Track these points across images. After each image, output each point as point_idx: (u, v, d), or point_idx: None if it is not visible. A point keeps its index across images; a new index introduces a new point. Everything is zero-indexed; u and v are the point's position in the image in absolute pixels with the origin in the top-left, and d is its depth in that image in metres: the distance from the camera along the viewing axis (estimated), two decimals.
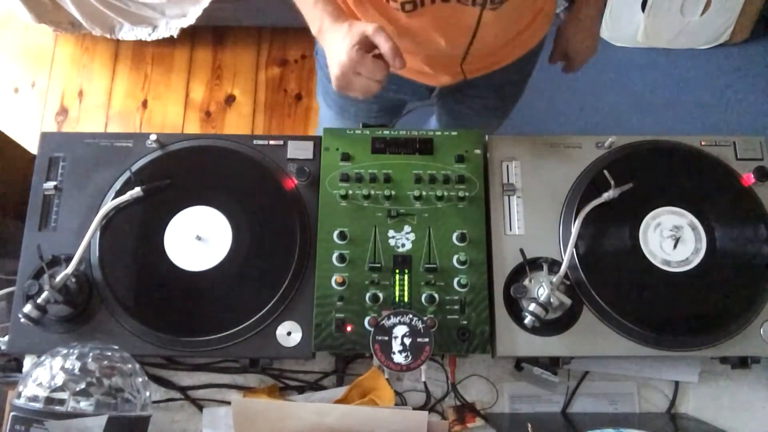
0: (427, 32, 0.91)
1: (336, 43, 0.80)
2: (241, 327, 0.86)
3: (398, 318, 0.81)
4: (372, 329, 0.81)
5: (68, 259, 0.87)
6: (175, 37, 2.15)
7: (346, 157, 0.93)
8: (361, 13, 0.93)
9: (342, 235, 0.89)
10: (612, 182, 0.89)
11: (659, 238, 0.89)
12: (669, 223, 0.90)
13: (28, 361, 0.91)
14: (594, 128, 2.13)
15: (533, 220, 0.91)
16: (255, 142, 0.96)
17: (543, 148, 0.95)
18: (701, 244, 0.89)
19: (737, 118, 2.16)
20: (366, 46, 0.78)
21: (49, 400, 0.72)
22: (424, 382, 0.88)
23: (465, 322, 0.85)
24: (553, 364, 0.87)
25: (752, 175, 0.91)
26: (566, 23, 1.14)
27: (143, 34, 2.18)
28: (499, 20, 0.90)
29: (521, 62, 1.07)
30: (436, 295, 0.86)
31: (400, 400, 0.90)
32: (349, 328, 0.85)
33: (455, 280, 0.87)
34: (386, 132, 0.96)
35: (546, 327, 0.85)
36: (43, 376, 0.74)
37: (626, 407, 0.91)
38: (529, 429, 0.79)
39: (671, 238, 0.89)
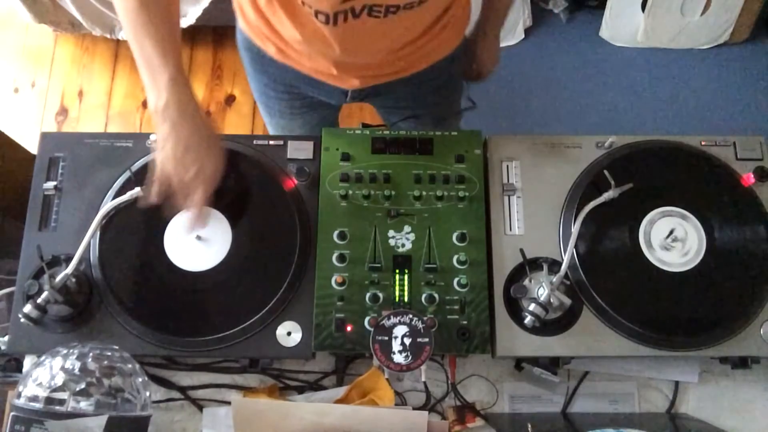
0: (334, 40, 0.89)
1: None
2: (241, 327, 0.86)
3: (398, 318, 0.81)
4: (372, 329, 0.81)
5: (68, 259, 0.87)
6: None
7: (346, 157, 0.93)
8: (270, 13, 0.92)
9: (342, 235, 0.89)
10: (612, 182, 0.89)
11: (659, 238, 0.89)
12: (669, 223, 0.90)
13: (28, 361, 0.91)
14: (594, 128, 2.13)
15: (533, 220, 0.91)
16: (255, 142, 0.96)
17: (543, 148, 0.95)
18: (701, 244, 0.89)
19: (737, 118, 2.16)
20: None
21: (49, 400, 0.72)
22: (424, 382, 0.88)
23: (465, 322, 0.85)
24: (553, 364, 0.87)
25: (752, 175, 0.91)
26: (474, 39, 1.15)
27: None
28: (394, 28, 0.89)
29: (434, 71, 1.05)
30: (436, 295, 0.86)
31: (400, 400, 0.90)
32: (349, 328, 0.85)
33: (455, 280, 0.87)
34: (386, 132, 0.96)
35: (546, 327, 0.85)
36: (43, 376, 0.74)
37: (626, 407, 0.91)
38: (529, 429, 0.79)
39: (671, 238, 0.89)
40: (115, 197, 0.91)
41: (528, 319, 0.83)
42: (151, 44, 0.78)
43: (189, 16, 2.09)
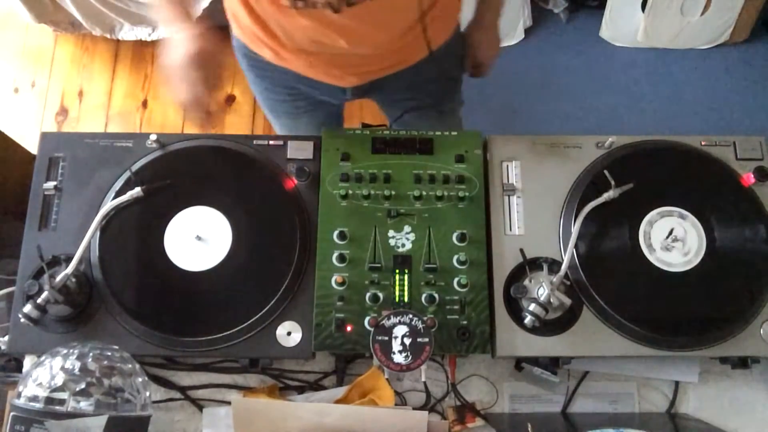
0: (327, 32, 0.90)
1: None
2: (241, 327, 0.86)
3: (398, 318, 0.81)
4: (372, 329, 0.81)
5: (68, 259, 0.87)
6: None
7: (346, 157, 0.93)
8: (272, 12, 0.92)
9: (342, 235, 0.89)
10: (612, 182, 0.89)
11: (659, 238, 0.89)
12: (669, 223, 0.90)
13: (28, 361, 0.91)
14: (594, 128, 2.13)
15: (533, 220, 0.91)
16: (255, 142, 0.96)
17: (543, 148, 0.95)
18: (701, 244, 0.89)
19: (737, 118, 2.16)
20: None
21: (49, 400, 0.72)
22: (424, 382, 0.88)
23: (465, 322, 0.85)
24: (553, 364, 0.87)
25: (752, 175, 0.91)
26: (471, 31, 1.15)
27: (143, 34, 2.18)
28: (393, 12, 0.89)
29: (430, 63, 1.05)
30: (436, 295, 0.86)
31: (400, 400, 0.90)
32: (349, 328, 0.85)
33: (455, 280, 0.87)
34: (386, 132, 0.96)
35: (546, 327, 0.85)
36: (43, 376, 0.74)
37: (626, 407, 0.91)
38: (529, 429, 0.79)
39: (671, 239, 0.89)
40: (115, 197, 0.91)
41: (528, 319, 0.83)
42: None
43: None
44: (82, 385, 0.73)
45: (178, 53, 0.87)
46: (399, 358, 0.79)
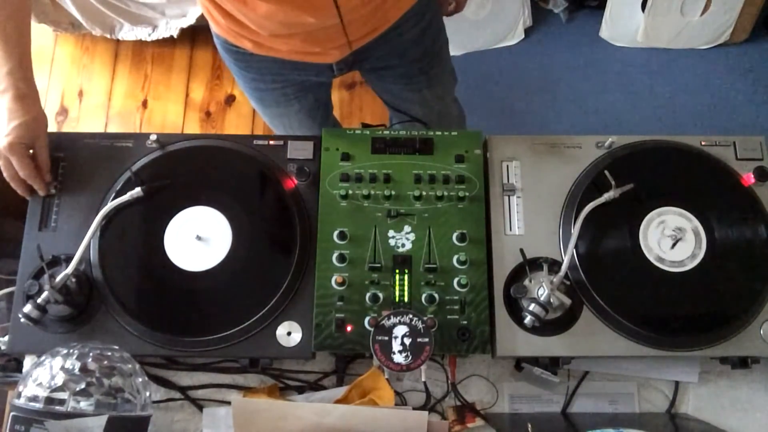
0: (290, 12, 0.89)
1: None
2: (241, 327, 0.86)
3: (398, 318, 0.81)
4: (372, 329, 0.81)
5: (68, 259, 0.87)
6: (175, 37, 2.15)
7: (346, 157, 0.93)
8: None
9: (342, 235, 0.89)
10: (613, 182, 0.89)
11: (659, 238, 0.89)
12: (669, 223, 0.90)
13: (28, 361, 0.91)
14: (594, 128, 2.13)
15: (533, 220, 0.91)
16: (255, 142, 0.96)
17: (543, 148, 0.95)
18: (701, 244, 0.89)
19: (737, 118, 2.16)
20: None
21: (49, 400, 0.72)
22: (424, 382, 0.88)
23: (465, 322, 0.85)
24: (553, 364, 0.87)
25: (752, 175, 0.91)
26: None
27: (143, 34, 2.18)
28: None
29: (409, 19, 1.05)
30: (436, 295, 0.86)
31: (400, 400, 0.90)
32: (349, 328, 0.85)
33: (455, 280, 0.87)
34: (386, 132, 0.96)
35: (546, 327, 0.85)
36: (43, 376, 0.74)
37: (626, 407, 0.91)
38: (529, 429, 0.79)
39: (671, 239, 0.89)
40: (115, 197, 0.91)
41: (528, 319, 0.83)
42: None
43: (189, 16, 2.09)
44: (82, 385, 0.73)
45: (5, 138, 0.89)
46: (399, 358, 0.79)
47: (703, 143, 0.96)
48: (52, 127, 2.19)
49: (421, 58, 1.16)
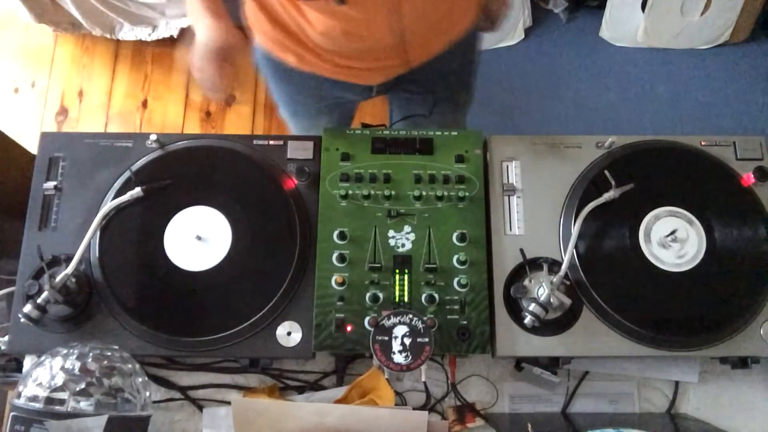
0: (333, 25, 0.89)
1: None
2: (241, 327, 0.86)
3: (398, 318, 0.81)
4: (372, 329, 0.81)
5: (68, 259, 0.87)
6: (175, 37, 2.15)
7: (346, 157, 0.93)
8: (299, 13, 0.92)
9: (342, 235, 0.89)
10: (613, 182, 0.89)
11: (659, 238, 0.89)
12: (669, 223, 0.90)
13: (28, 361, 0.91)
14: (594, 128, 2.13)
15: (533, 220, 0.91)
16: (255, 142, 0.97)
17: (543, 148, 0.95)
18: (701, 244, 0.89)
19: (737, 118, 2.16)
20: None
21: (49, 400, 0.72)
22: (424, 382, 0.88)
23: (465, 322, 0.85)
24: (553, 364, 0.87)
25: (752, 175, 0.91)
26: None
27: (143, 34, 2.18)
28: (372, 7, 0.88)
29: (459, 48, 1.05)
30: (436, 295, 0.86)
31: (400, 400, 0.90)
32: (349, 328, 0.85)
33: (455, 280, 0.87)
34: (386, 132, 0.96)
35: (546, 327, 0.85)
36: (43, 376, 0.74)
37: (626, 407, 0.91)
38: (529, 429, 0.79)
39: (671, 238, 0.89)
40: (115, 197, 0.91)
41: (528, 319, 0.83)
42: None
43: None
44: (82, 385, 0.73)
45: (203, 45, 0.90)
46: (399, 358, 0.79)
47: (703, 143, 0.96)
48: (52, 127, 2.20)
49: (455, 86, 1.18)
